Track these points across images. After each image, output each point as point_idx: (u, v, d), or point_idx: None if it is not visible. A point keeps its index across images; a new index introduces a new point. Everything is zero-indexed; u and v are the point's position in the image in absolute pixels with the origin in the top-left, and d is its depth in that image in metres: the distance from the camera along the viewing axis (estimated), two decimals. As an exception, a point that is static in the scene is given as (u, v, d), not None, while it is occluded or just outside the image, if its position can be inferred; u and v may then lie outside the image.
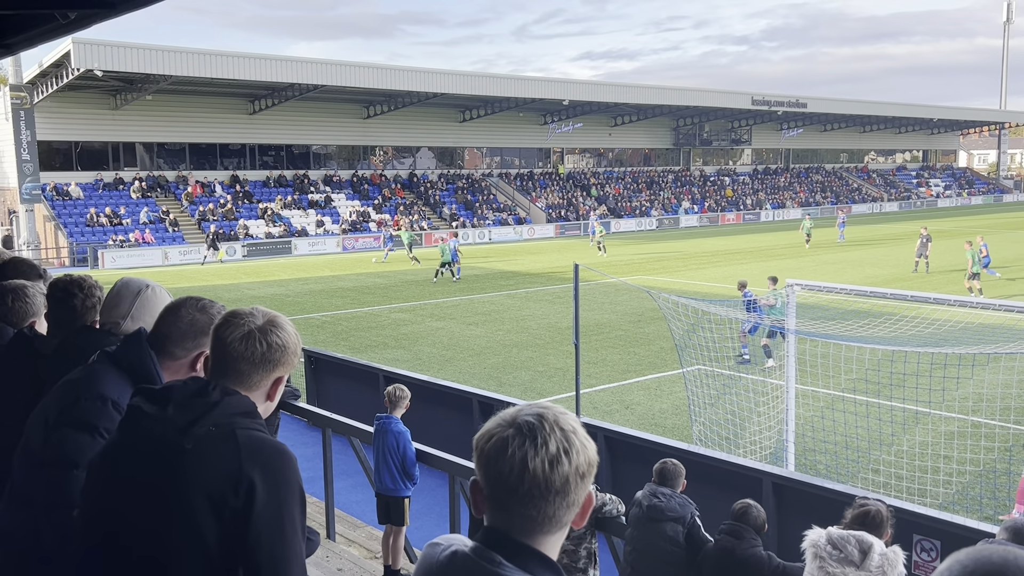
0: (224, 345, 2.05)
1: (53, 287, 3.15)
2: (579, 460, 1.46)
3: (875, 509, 4.50)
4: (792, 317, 9.62)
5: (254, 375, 2.06)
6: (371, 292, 27.58)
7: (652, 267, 32.90)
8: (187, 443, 1.89)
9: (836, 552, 4.23)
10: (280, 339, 2.08)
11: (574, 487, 1.47)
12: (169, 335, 2.45)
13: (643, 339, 18.49)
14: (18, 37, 7.11)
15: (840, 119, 71.34)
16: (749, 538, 5.07)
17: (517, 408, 1.52)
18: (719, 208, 62.89)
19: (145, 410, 1.96)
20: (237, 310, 2.13)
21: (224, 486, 1.85)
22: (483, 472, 1.49)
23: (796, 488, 7.30)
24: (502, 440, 1.46)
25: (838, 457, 10.14)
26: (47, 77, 39.18)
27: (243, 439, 1.92)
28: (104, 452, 2.03)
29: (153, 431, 1.93)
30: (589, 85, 54.85)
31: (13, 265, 4.01)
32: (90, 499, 2.01)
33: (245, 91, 45.20)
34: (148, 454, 1.91)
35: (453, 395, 10.60)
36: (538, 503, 1.45)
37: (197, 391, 1.98)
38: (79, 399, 2.41)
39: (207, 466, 1.87)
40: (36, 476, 2.39)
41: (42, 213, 40.63)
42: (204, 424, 1.91)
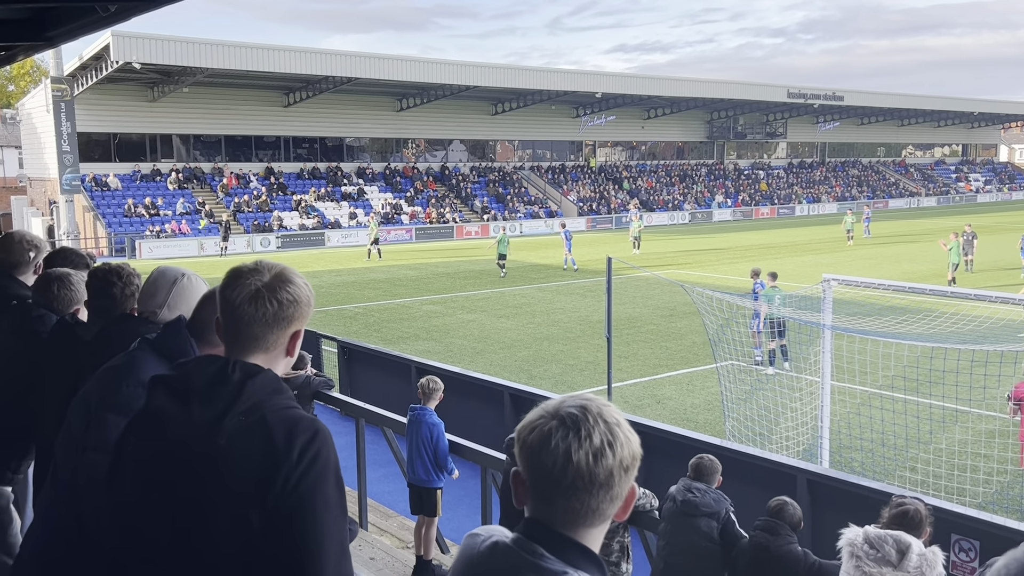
0: (232, 308, 1.93)
1: (92, 276, 3.19)
2: (623, 453, 1.45)
3: (913, 508, 4.42)
4: (828, 313, 9.49)
5: (269, 336, 1.94)
6: (403, 284, 27.70)
7: (685, 261, 32.68)
8: (219, 439, 1.82)
9: (873, 552, 4.16)
10: (291, 294, 1.95)
11: (618, 480, 1.45)
12: (208, 322, 2.45)
13: (675, 333, 18.37)
14: (59, 30, 7.20)
15: (878, 112, 70.23)
16: (784, 535, 5.01)
17: (560, 399, 1.51)
18: (753, 202, 62.29)
19: (169, 413, 1.89)
20: (240, 267, 1.98)
21: (263, 474, 1.80)
22: (526, 463, 1.48)
23: (831, 485, 7.21)
24: (545, 432, 1.45)
25: (873, 455, 10.01)
26: (87, 70, 39.78)
27: (275, 423, 1.84)
28: (133, 456, 1.93)
29: (182, 433, 1.86)
30: (622, 77, 54.53)
31: (62, 254, 4.07)
32: (123, 503, 1.95)
33: (280, 84, 45.55)
34: (180, 457, 1.85)
35: (485, 387, 10.61)
36: (582, 496, 1.44)
37: (216, 377, 1.88)
38: (121, 385, 2.43)
39: (243, 458, 1.81)
40: (77, 461, 2.42)
41: (81, 204, 41.30)
42: (232, 416, 1.83)
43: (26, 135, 50.22)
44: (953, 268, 25.00)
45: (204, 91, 43.73)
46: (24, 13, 7.07)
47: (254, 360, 1.95)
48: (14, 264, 4.03)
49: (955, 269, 25.04)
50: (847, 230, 38.76)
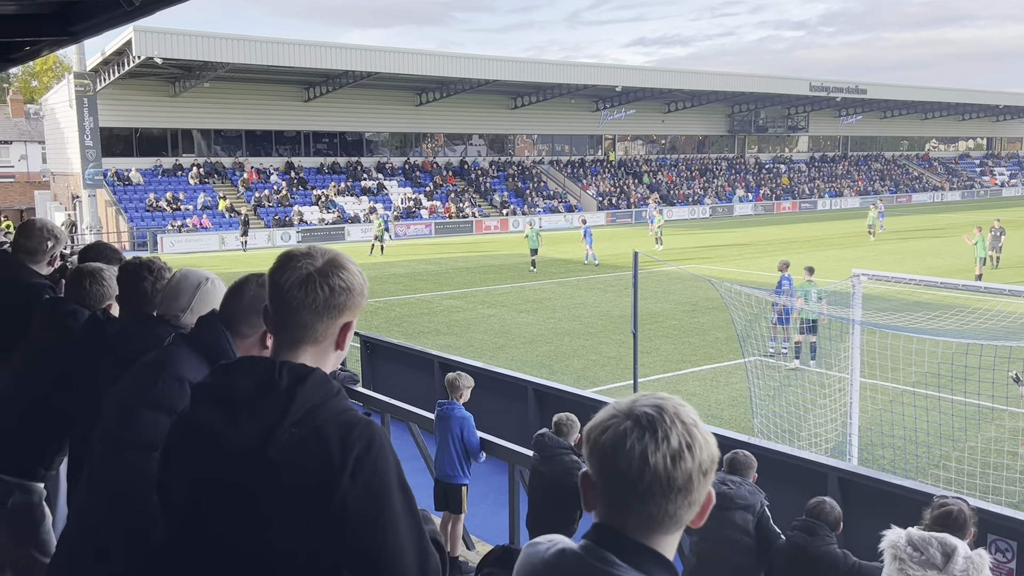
0: (281, 292, 1.83)
1: (123, 270, 3.14)
2: (702, 456, 1.37)
3: (957, 509, 4.30)
4: (858, 308, 9.34)
5: (318, 324, 1.83)
6: (423, 279, 27.69)
7: (706, 256, 32.46)
8: (271, 453, 1.72)
9: (917, 554, 4.05)
10: (344, 281, 1.85)
11: (697, 484, 1.37)
12: (234, 314, 2.42)
13: (698, 329, 18.22)
14: (83, 25, 7.20)
15: (901, 105, 69.49)
16: (823, 535, 4.91)
17: (632, 398, 1.42)
18: (774, 196, 61.81)
19: (217, 425, 1.78)
20: (293, 250, 1.89)
21: (322, 487, 1.72)
22: (597, 466, 1.39)
23: (863, 484, 7.07)
24: (619, 433, 1.36)
25: (904, 452, 9.86)
26: (109, 65, 40.04)
27: (329, 433, 1.74)
28: (182, 471, 1.85)
29: (231, 447, 1.76)
30: (642, 71, 54.23)
31: (96, 249, 4.04)
32: (174, 514, 1.87)
33: (300, 78, 45.66)
34: (232, 472, 1.76)
35: (509, 383, 10.53)
36: (659, 501, 1.36)
37: (263, 384, 1.77)
38: (156, 381, 2.39)
39: (298, 472, 1.72)
40: (114, 458, 2.38)
41: (104, 198, 41.61)
42: (284, 428, 1.73)
43: (49, 130, 50.65)
44: (980, 263, 24.64)
45: (225, 86, 43.90)
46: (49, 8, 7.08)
47: (303, 352, 1.85)
48: (31, 251, 4.01)
49: (982, 264, 24.69)
50: (869, 225, 38.28)
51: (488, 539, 7.52)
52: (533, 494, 6.17)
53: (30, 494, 3.33)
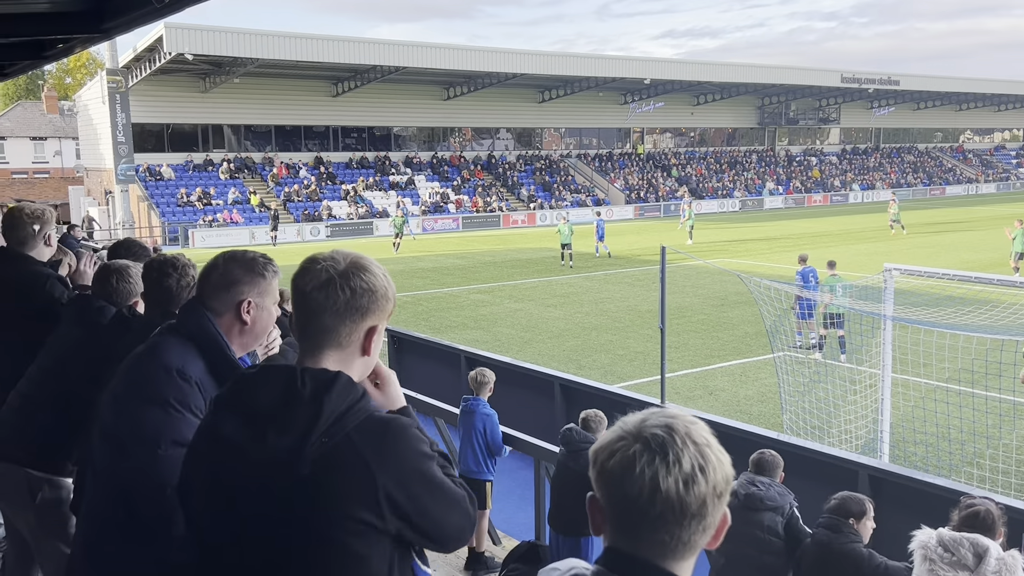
0: (304, 296, 1.79)
1: (147, 267, 3.14)
2: (716, 478, 1.29)
3: (984, 509, 4.21)
4: (890, 303, 9.21)
5: (341, 328, 1.80)
6: (450, 273, 27.74)
7: (735, 250, 32.21)
8: (303, 469, 1.68)
9: (948, 555, 3.98)
10: (366, 282, 1.82)
11: (711, 508, 1.30)
12: (204, 292, 2.41)
13: (727, 323, 18.08)
14: (115, 22, 7.25)
15: (935, 97, 68.38)
16: (847, 532, 4.84)
17: (640, 417, 1.34)
18: (805, 189, 61.17)
19: (242, 442, 1.73)
20: (316, 255, 1.85)
21: (363, 491, 1.69)
22: (606, 492, 1.33)
23: (894, 482, 6.98)
24: (628, 457, 1.29)
25: (937, 450, 9.71)
26: (141, 61, 40.52)
27: (360, 439, 1.70)
28: (210, 490, 1.80)
29: (261, 464, 1.71)
30: (671, 63, 53.88)
31: (125, 245, 4.07)
32: (207, 529, 1.84)
33: (329, 74, 45.89)
34: (264, 489, 1.71)
35: (535, 378, 10.52)
36: (671, 528, 1.29)
37: (287, 395, 1.72)
38: (144, 373, 2.38)
39: (336, 482, 1.69)
40: (116, 456, 2.37)
41: (136, 193, 42.14)
42: (314, 440, 1.68)
43: (83, 126, 51.40)
44: (1016, 257, 24.18)
45: (255, 81, 44.24)
46: (82, 5, 7.15)
47: (326, 357, 1.81)
48: (22, 240, 4.04)
49: (1019, 258, 24.22)
50: (893, 221, 37.44)
51: (515, 534, 7.53)
52: (558, 489, 6.16)
53: (59, 489, 3.36)
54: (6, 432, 3.47)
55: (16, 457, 3.40)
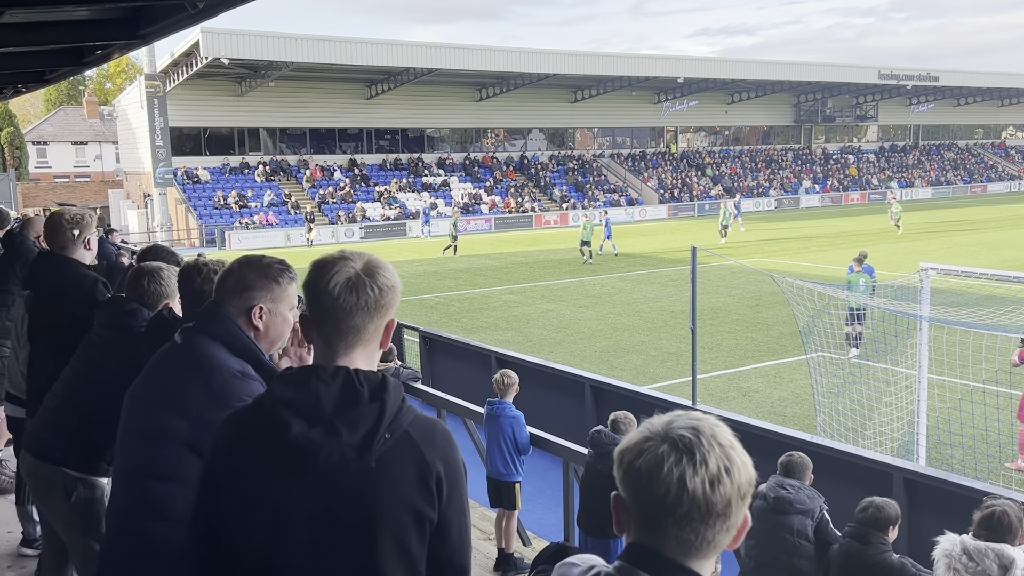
0: (330, 299, 1.83)
1: (179, 272, 3.23)
2: (740, 479, 1.34)
3: (1001, 510, 4.07)
4: (926, 303, 9.06)
5: (369, 326, 1.87)
6: (482, 274, 27.80)
7: (771, 249, 31.89)
8: (371, 462, 1.79)
9: (972, 564, 3.90)
10: (388, 279, 1.88)
11: (735, 509, 1.34)
12: (221, 296, 2.44)
13: (761, 324, 17.92)
14: (151, 28, 7.38)
15: (975, 92, 67.11)
16: (877, 543, 4.70)
17: (666, 419, 1.38)
18: (842, 188, 60.38)
19: (315, 439, 1.80)
20: (325, 257, 1.89)
21: (419, 490, 1.81)
22: (632, 491, 1.36)
23: (931, 485, 6.87)
24: (656, 457, 1.33)
25: (975, 452, 9.54)
26: (178, 66, 41.13)
27: (416, 434, 1.83)
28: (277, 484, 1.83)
29: (331, 460, 1.79)
30: (705, 61, 53.53)
31: (152, 252, 4.15)
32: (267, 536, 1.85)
33: (362, 76, 46.23)
34: (333, 485, 1.79)
35: (565, 379, 10.52)
36: (696, 526, 1.33)
37: (347, 396, 1.81)
38: (213, 380, 2.36)
39: (398, 476, 1.80)
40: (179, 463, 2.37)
41: (174, 196, 42.79)
42: (379, 437, 1.79)
43: (122, 130, 52.31)
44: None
45: (289, 85, 44.71)
46: (119, 12, 7.28)
47: (356, 354, 1.89)
48: (63, 245, 4.12)
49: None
50: (896, 222, 36.18)
51: (545, 535, 7.54)
52: (587, 491, 6.15)
53: (93, 488, 3.42)
54: (43, 432, 3.55)
55: (53, 457, 3.48)
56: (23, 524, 5.31)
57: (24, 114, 73.58)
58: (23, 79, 11.29)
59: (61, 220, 4.16)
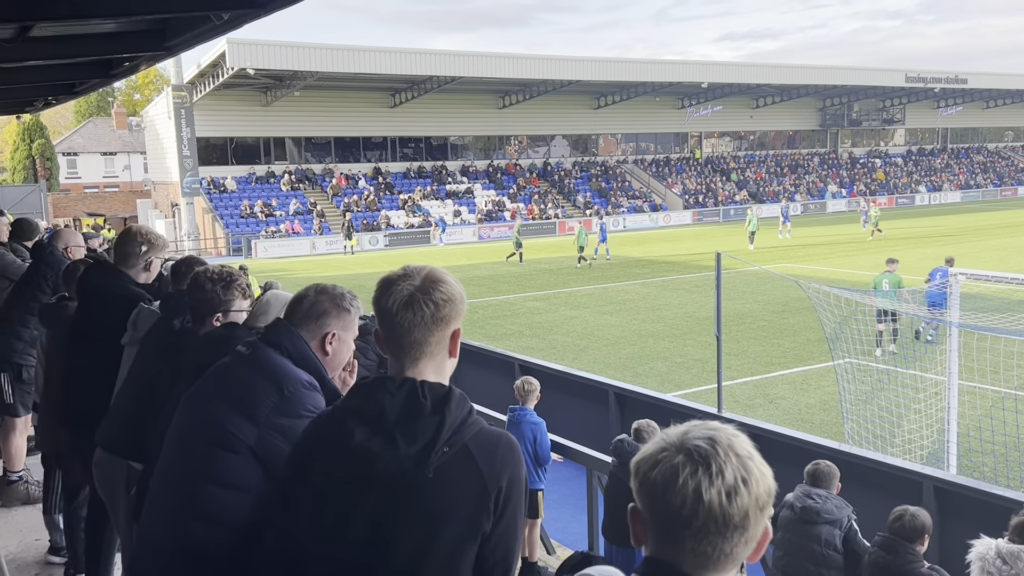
0: (390, 317, 1.93)
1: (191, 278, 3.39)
2: (758, 490, 1.31)
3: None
4: (955, 309, 8.93)
5: (430, 339, 1.94)
6: (506, 281, 27.80)
7: (797, 254, 31.62)
8: (428, 473, 1.83)
9: (1007, 568, 3.83)
10: (444, 293, 1.95)
11: (753, 521, 1.32)
12: (294, 319, 2.53)
13: (787, 330, 17.76)
14: (177, 40, 7.46)
15: (1005, 95, 66.22)
16: (905, 552, 4.64)
17: (682, 430, 1.37)
18: (869, 192, 59.77)
19: (375, 449, 1.86)
20: (389, 275, 1.99)
21: (477, 500, 1.85)
22: (648, 502, 1.35)
23: (961, 493, 6.76)
24: (671, 468, 1.31)
25: (1007, 460, 9.37)
26: (205, 77, 41.61)
27: (476, 448, 1.86)
28: (340, 490, 1.91)
29: (389, 470, 1.85)
30: (728, 66, 53.23)
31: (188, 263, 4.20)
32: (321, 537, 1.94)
33: (386, 85, 46.50)
34: (389, 492, 1.85)
35: (589, 386, 10.48)
36: (714, 539, 1.31)
37: (411, 408, 1.87)
38: (285, 387, 2.39)
39: (454, 489, 1.84)
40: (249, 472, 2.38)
41: (201, 206, 43.24)
42: (436, 450, 1.83)
43: (150, 141, 52.99)
44: None
45: (314, 94, 45.06)
46: (145, 24, 7.36)
47: (424, 367, 1.95)
48: (124, 256, 4.15)
49: None
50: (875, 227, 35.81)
51: (569, 544, 7.50)
52: (611, 500, 6.11)
53: None
54: (113, 428, 3.69)
55: (120, 450, 3.62)
56: (50, 532, 5.38)
57: (55, 126, 74.77)
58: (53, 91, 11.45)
59: (135, 233, 4.23)
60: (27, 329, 5.92)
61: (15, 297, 6.02)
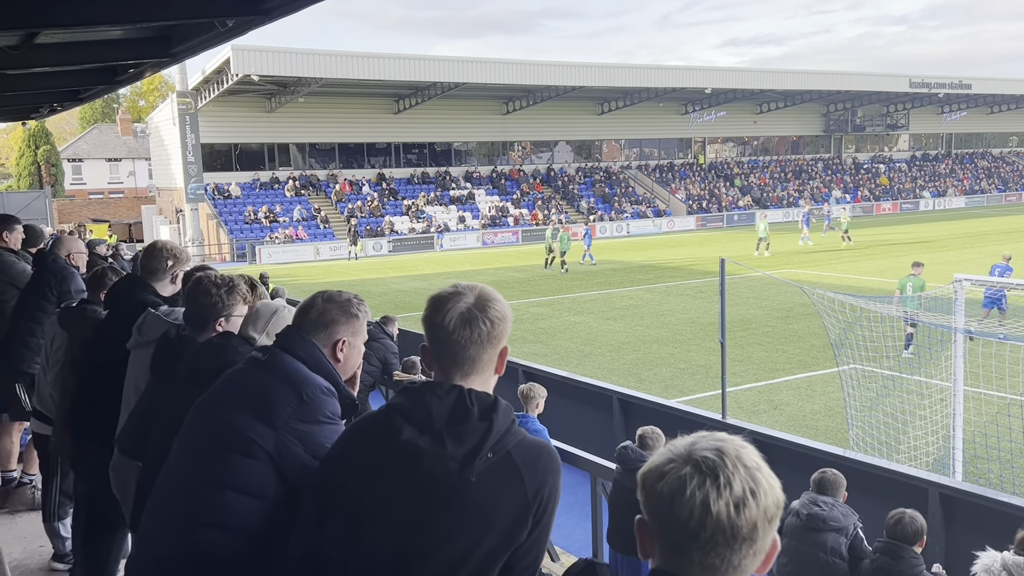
0: (447, 334, 1.94)
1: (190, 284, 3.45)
2: (767, 502, 1.30)
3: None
4: (960, 315, 8.91)
5: (484, 356, 1.97)
6: (510, 286, 27.79)
7: (801, 260, 31.58)
8: (471, 477, 1.85)
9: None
10: (499, 312, 1.98)
11: (762, 533, 1.30)
12: (304, 327, 2.54)
13: (792, 336, 17.72)
14: (182, 46, 7.48)
15: (1009, 100, 66.07)
16: (908, 558, 4.64)
17: (689, 441, 1.35)
18: (873, 197, 59.71)
19: (422, 446, 1.88)
20: (440, 293, 2.01)
21: (515, 509, 1.86)
22: (655, 514, 1.33)
23: (967, 500, 6.74)
24: (679, 479, 1.30)
25: (1012, 467, 9.34)
26: (209, 83, 41.72)
27: (520, 458, 1.89)
28: (381, 484, 1.93)
29: (435, 468, 1.87)
30: (732, 72, 53.26)
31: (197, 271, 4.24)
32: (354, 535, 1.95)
33: (390, 91, 46.57)
34: (432, 492, 1.87)
35: (593, 392, 10.47)
36: (722, 551, 1.29)
37: (458, 412, 1.90)
38: (304, 392, 2.41)
39: (495, 494, 1.86)
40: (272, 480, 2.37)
41: (205, 212, 43.32)
42: (482, 455, 1.85)
43: (155, 147, 53.11)
44: None
45: (318, 100, 45.15)
46: (151, 32, 7.39)
47: (471, 381, 1.98)
48: (152, 271, 4.23)
49: None
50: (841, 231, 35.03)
51: (573, 551, 7.47)
52: (616, 508, 6.10)
53: None
54: (131, 432, 3.67)
55: (136, 455, 3.60)
56: (52, 540, 5.38)
57: (60, 132, 75.02)
58: (58, 98, 11.49)
59: (161, 249, 4.31)
60: (34, 338, 5.94)
61: (21, 306, 6.04)
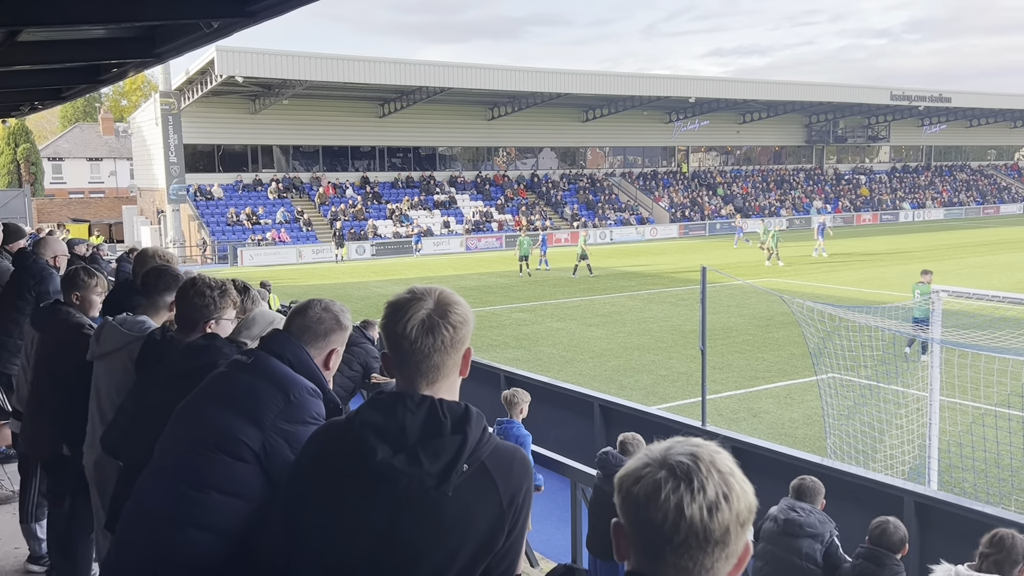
0: (408, 343, 1.89)
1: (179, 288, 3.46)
2: (739, 506, 1.33)
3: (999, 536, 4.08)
4: (937, 325, 9.01)
5: (448, 362, 1.93)
6: (493, 292, 27.81)
7: (782, 269, 31.78)
8: (448, 491, 1.82)
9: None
10: (460, 315, 1.94)
11: (734, 536, 1.33)
12: (297, 334, 2.54)
13: (772, 344, 17.84)
14: (167, 47, 7.46)
15: (988, 114, 66.95)
16: (891, 564, 4.71)
17: (665, 446, 1.38)
18: (854, 208, 60.23)
19: (398, 467, 1.84)
20: (398, 298, 1.94)
21: (493, 520, 1.85)
22: (630, 518, 1.36)
23: (942, 509, 6.81)
24: (653, 483, 1.32)
25: (987, 476, 9.44)
26: (193, 84, 41.51)
27: (493, 466, 1.86)
28: (353, 503, 1.89)
29: (411, 487, 1.84)
30: (716, 82, 53.59)
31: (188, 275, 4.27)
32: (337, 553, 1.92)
33: (375, 95, 46.52)
34: (408, 508, 1.84)
35: (574, 398, 10.49)
36: (695, 554, 1.32)
37: (431, 427, 1.85)
38: (291, 393, 2.41)
39: (471, 507, 1.84)
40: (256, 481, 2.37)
41: (187, 213, 43.05)
42: (458, 468, 1.83)
43: (137, 147, 52.76)
44: None
45: (303, 103, 45.03)
46: (135, 31, 7.37)
47: (439, 388, 1.94)
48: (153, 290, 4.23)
49: None
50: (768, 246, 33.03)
51: (553, 556, 7.48)
52: (595, 513, 6.12)
53: None
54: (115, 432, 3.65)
55: (118, 453, 3.59)
56: (28, 542, 5.33)
57: (40, 130, 74.34)
58: (39, 96, 11.42)
59: (151, 256, 4.37)
60: (11, 339, 5.91)
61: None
